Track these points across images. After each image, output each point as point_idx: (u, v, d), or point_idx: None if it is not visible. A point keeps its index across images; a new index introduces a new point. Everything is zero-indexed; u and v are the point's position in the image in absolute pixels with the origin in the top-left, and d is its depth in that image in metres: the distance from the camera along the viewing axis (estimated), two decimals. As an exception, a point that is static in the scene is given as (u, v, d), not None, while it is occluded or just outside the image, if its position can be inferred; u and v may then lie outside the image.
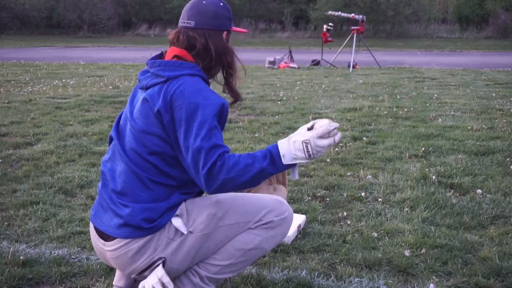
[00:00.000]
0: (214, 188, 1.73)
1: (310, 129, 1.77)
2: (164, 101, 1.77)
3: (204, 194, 1.97)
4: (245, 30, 2.18)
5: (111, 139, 1.97)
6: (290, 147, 1.75)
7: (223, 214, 1.85)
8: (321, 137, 1.74)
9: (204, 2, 1.90)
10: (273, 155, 1.75)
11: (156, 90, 1.80)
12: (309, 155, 1.74)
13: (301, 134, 1.76)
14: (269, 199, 1.94)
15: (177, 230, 1.82)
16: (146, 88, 1.84)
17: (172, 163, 1.81)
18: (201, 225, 1.82)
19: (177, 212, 1.83)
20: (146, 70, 1.89)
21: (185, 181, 1.84)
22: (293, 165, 1.78)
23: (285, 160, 1.75)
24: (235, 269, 1.91)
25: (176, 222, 1.82)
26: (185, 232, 1.82)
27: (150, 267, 1.82)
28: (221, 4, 1.93)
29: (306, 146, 1.73)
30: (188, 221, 1.83)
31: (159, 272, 1.79)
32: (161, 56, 1.95)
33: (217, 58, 1.90)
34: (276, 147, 1.77)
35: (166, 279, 1.79)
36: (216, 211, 1.85)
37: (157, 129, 1.79)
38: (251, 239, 1.87)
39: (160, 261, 1.81)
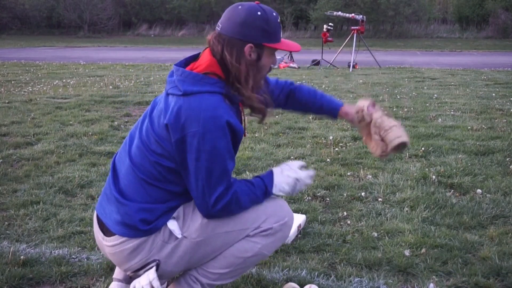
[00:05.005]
0: (217, 217, 1.79)
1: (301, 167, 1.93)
2: (176, 119, 1.68)
3: None
4: (297, 48, 1.84)
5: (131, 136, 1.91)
6: (282, 180, 1.87)
7: (219, 221, 1.80)
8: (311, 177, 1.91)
9: (239, 7, 1.74)
10: (267, 188, 1.85)
11: (172, 102, 1.71)
12: (292, 192, 1.89)
13: (295, 171, 1.90)
14: (269, 203, 1.89)
15: (171, 233, 1.79)
16: (167, 94, 1.78)
17: (173, 173, 1.77)
18: (196, 232, 1.79)
19: (174, 214, 1.80)
20: (173, 73, 1.81)
21: (187, 190, 1.80)
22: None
23: (274, 190, 1.87)
24: (235, 275, 1.90)
25: (172, 225, 1.79)
26: (179, 236, 1.79)
27: (144, 268, 1.80)
28: (259, 13, 1.73)
29: (295, 184, 1.88)
30: (183, 225, 1.80)
31: (151, 274, 1.77)
32: (196, 57, 1.82)
33: (227, 70, 1.76)
34: (271, 179, 1.86)
35: (156, 284, 1.76)
36: None
37: (163, 141, 1.73)
38: (250, 247, 1.83)
39: (154, 264, 1.79)
